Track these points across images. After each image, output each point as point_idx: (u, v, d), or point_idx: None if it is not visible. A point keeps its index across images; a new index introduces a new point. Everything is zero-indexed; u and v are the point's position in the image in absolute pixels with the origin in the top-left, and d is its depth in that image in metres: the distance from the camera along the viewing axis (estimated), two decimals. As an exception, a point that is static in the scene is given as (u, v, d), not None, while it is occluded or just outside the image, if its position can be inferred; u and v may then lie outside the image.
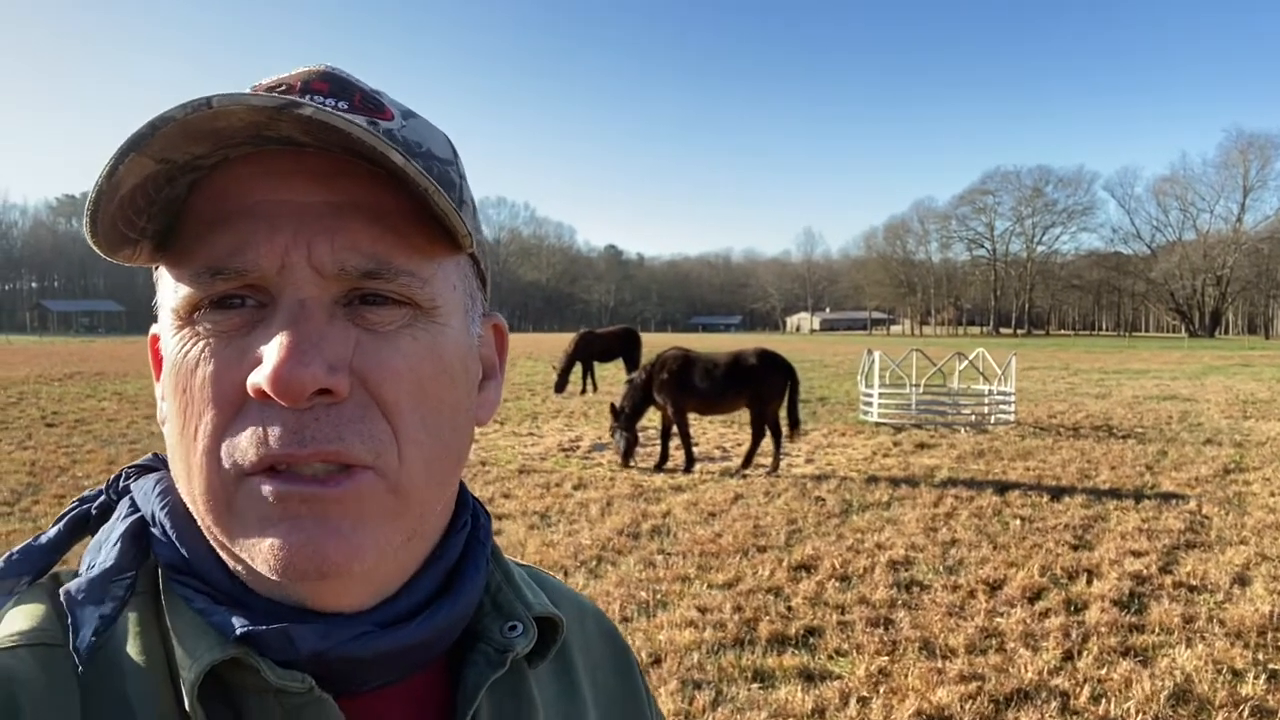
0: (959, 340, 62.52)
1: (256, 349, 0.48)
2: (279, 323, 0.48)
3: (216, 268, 0.49)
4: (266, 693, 0.50)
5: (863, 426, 13.34)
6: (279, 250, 0.48)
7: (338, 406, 0.48)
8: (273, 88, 0.52)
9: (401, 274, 0.51)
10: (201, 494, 0.50)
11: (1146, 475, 9.31)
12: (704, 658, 4.35)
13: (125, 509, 0.57)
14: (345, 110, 0.51)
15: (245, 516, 0.48)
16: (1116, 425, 13.62)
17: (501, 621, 0.60)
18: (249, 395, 0.48)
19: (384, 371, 0.50)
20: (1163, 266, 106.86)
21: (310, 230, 0.49)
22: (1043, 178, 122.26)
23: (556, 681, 0.65)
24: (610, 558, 6.11)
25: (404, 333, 0.51)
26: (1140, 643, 4.60)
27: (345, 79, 0.54)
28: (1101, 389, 20.77)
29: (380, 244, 0.50)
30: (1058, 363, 33.08)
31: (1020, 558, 6.09)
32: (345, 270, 0.49)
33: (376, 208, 0.50)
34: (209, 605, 0.51)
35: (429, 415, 0.52)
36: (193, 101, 0.44)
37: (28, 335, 76.82)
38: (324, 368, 0.47)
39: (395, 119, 0.53)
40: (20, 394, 17.13)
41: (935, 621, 4.85)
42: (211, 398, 0.49)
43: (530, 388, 19.70)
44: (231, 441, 0.48)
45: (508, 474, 9.23)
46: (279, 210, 0.49)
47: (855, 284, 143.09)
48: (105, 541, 0.55)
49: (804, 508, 7.66)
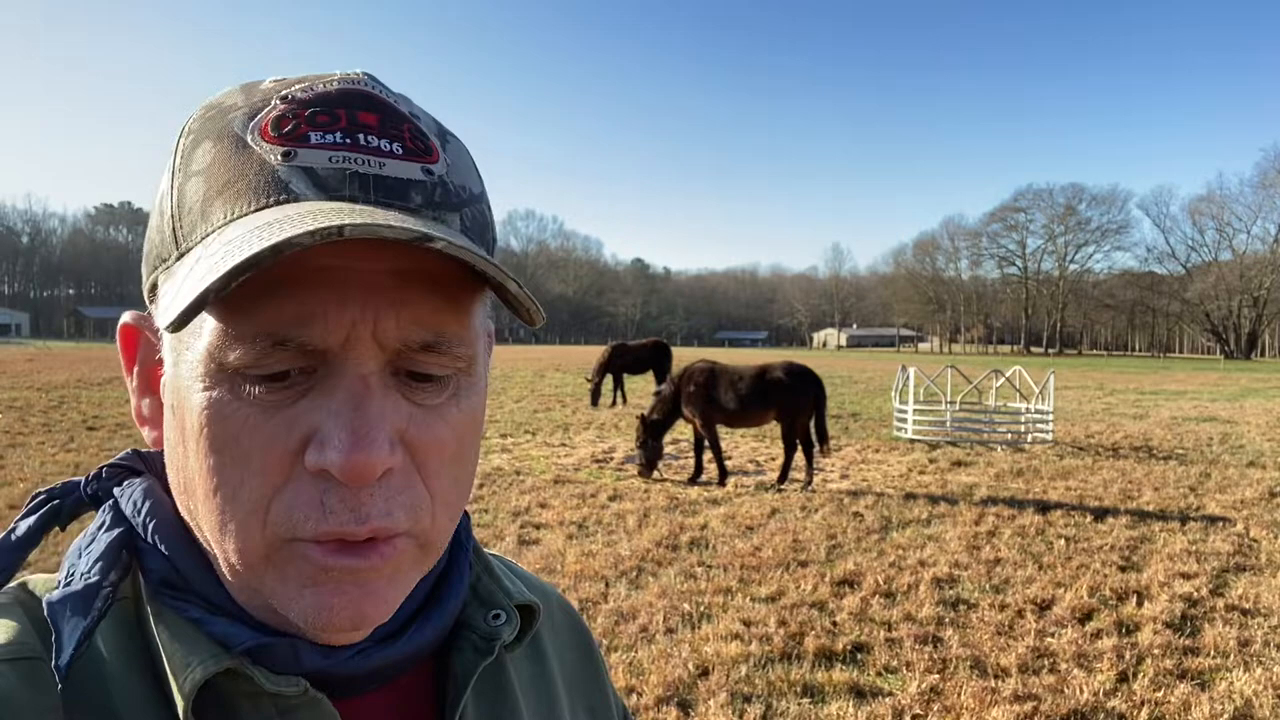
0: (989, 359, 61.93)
1: (309, 421, 0.47)
2: (341, 400, 0.47)
3: (279, 337, 0.46)
4: (260, 697, 0.50)
5: (897, 443, 13.23)
6: (347, 324, 0.46)
7: (388, 479, 0.48)
8: (315, 113, 0.50)
9: (455, 344, 0.50)
10: (238, 552, 0.48)
11: (1190, 497, 9.15)
12: (751, 671, 4.31)
13: (109, 518, 0.55)
14: (400, 155, 0.50)
15: (285, 575, 0.48)
16: (1156, 446, 13.41)
17: (485, 611, 0.61)
18: (299, 465, 0.47)
19: (433, 444, 0.50)
20: (1198, 287, 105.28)
21: (377, 303, 0.47)
22: (1076, 195, 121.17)
23: (530, 664, 0.67)
24: (651, 569, 6.09)
25: (450, 404, 0.51)
26: (1196, 665, 4.51)
27: (386, 104, 0.52)
28: (1139, 409, 20.46)
29: (439, 315, 0.49)
30: (1091, 382, 32.65)
31: (1067, 578, 5.99)
32: (407, 345, 0.48)
33: (435, 275, 0.49)
34: (206, 615, 0.51)
35: (460, 474, 0.53)
36: (323, 230, 0.41)
37: (65, 341, 78.18)
38: (388, 449, 0.47)
39: (440, 160, 0.52)
40: (61, 398, 17.41)
41: (985, 640, 4.79)
42: (260, 469, 0.47)
43: (560, 399, 19.73)
44: (282, 511, 0.47)
45: (543, 484, 9.24)
46: (347, 280, 0.46)
47: (883, 300, 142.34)
48: (87, 551, 0.53)
49: (842, 523, 7.60)
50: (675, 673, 4.24)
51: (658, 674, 4.22)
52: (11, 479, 8.73)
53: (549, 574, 5.89)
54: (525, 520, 7.52)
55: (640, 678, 4.20)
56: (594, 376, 17.86)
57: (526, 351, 61.90)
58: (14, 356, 36.76)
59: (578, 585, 5.64)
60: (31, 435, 11.93)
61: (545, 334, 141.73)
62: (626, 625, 4.94)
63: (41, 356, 37.57)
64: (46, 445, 11.07)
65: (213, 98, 0.53)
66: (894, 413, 14.83)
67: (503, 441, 12.57)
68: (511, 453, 11.54)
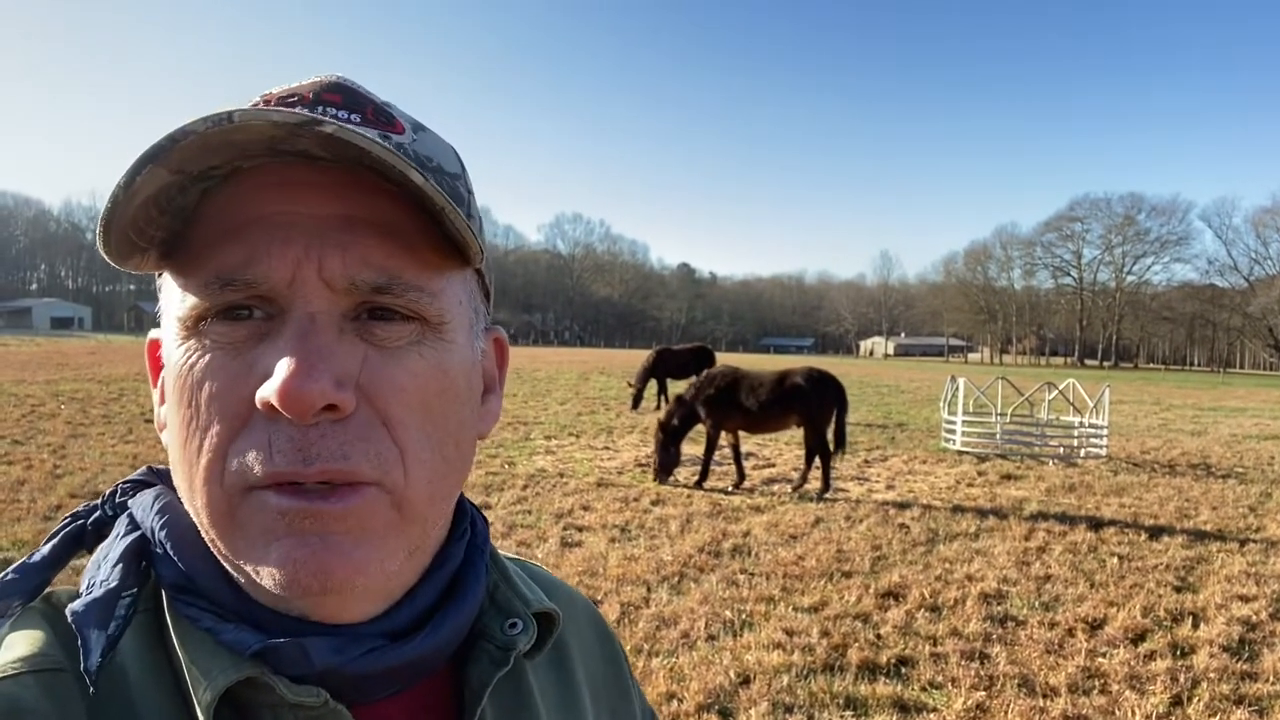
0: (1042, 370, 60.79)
1: (264, 362, 0.48)
2: (288, 336, 0.48)
3: (227, 278, 0.48)
4: (281, 707, 0.50)
5: (944, 454, 13.04)
6: (291, 263, 0.48)
7: (344, 423, 0.48)
8: (285, 98, 0.52)
9: (411, 289, 0.51)
10: (205, 507, 0.49)
11: (1250, 517, 8.87)
12: (794, 681, 4.28)
13: (124, 526, 0.56)
14: (358, 124, 0.51)
15: (249, 529, 0.48)
16: (1215, 464, 13.02)
17: (502, 619, 0.60)
18: (256, 409, 0.47)
19: (391, 388, 0.50)
20: (1261, 301, 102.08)
21: (322, 244, 0.49)
22: (1135, 205, 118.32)
23: (552, 670, 0.67)
24: (693, 575, 6.08)
25: (411, 349, 0.51)
26: (1254, 691, 4.37)
27: (357, 90, 0.54)
28: (1197, 426, 19.90)
29: (392, 259, 0.50)
30: (1148, 397, 31.85)
31: (1120, 597, 5.85)
32: (356, 285, 0.49)
33: (388, 223, 0.50)
34: (217, 624, 0.51)
35: (434, 433, 0.52)
36: (214, 116, 0.44)
37: (125, 335, 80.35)
38: (332, 383, 0.47)
39: (406, 133, 0.54)
40: (121, 390, 17.91)
41: (1034, 658, 4.69)
42: (218, 411, 0.48)
43: (604, 402, 19.78)
44: (237, 456, 0.48)
45: (586, 486, 9.27)
46: (291, 222, 0.49)
47: (932, 309, 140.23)
48: (105, 560, 0.54)
49: (888, 534, 7.51)
50: (716, 680, 4.23)
51: (699, 681, 4.21)
52: (73, 468, 9.00)
53: (591, 576, 5.91)
54: (568, 522, 7.55)
55: (681, 684, 4.19)
56: (637, 381, 17.88)
57: (572, 354, 62.17)
58: (76, 349, 37.91)
59: (620, 589, 5.64)
60: (92, 426, 12.29)
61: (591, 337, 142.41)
62: (668, 631, 4.93)
63: (103, 349, 38.69)
64: (106, 436, 11.40)
65: None
66: (942, 423, 14.61)
67: (546, 443, 12.64)
68: (555, 454, 11.60)
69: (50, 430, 11.67)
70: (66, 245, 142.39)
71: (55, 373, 22.37)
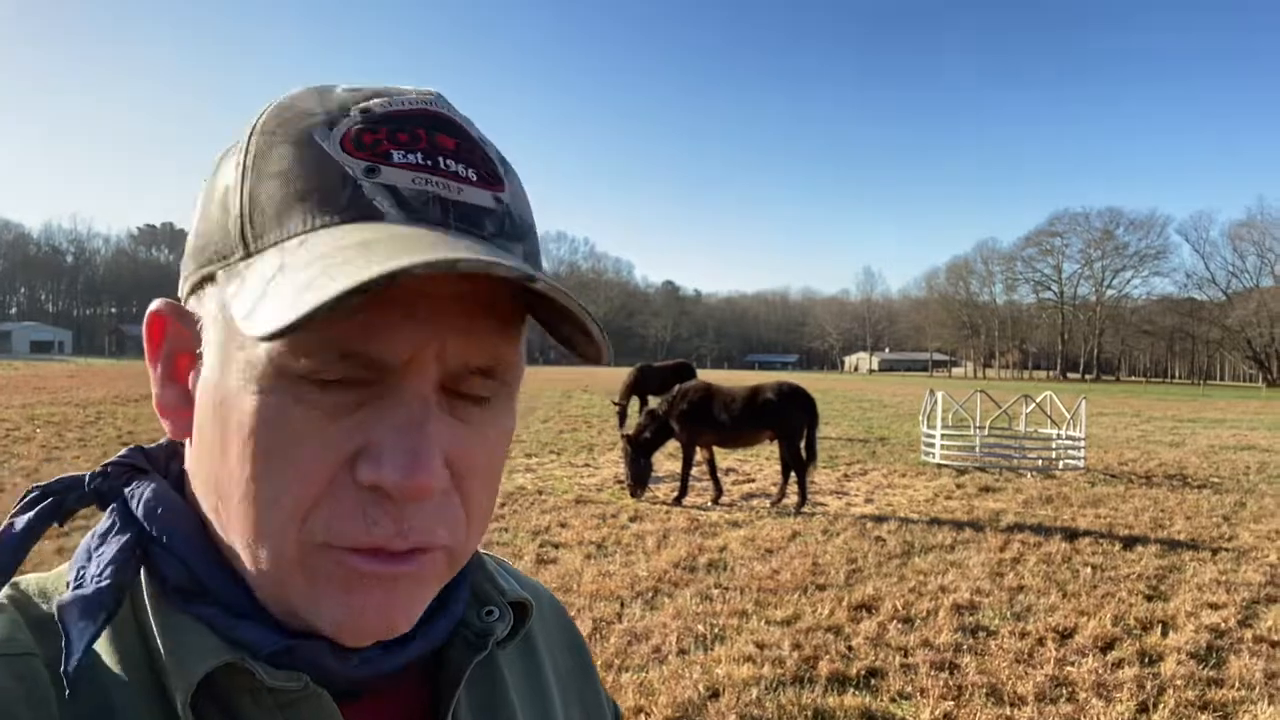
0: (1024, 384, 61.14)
1: (365, 434, 0.47)
2: (403, 419, 0.47)
3: (348, 349, 0.46)
4: (261, 692, 0.50)
5: (924, 468, 13.09)
6: (415, 344, 0.47)
7: (432, 499, 0.49)
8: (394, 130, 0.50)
9: (508, 369, 0.51)
10: (270, 558, 0.49)
11: (1224, 526, 8.94)
12: (762, 694, 4.28)
13: (119, 520, 0.54)
14: (474, 181, 0.50)
15: (315, 576, 0.49)
16: (1191, 474, 13.14)
17: (479, 607, 0.61)
18: (344, 476, 0.47)
19: (473, 466, 0.51)
20: (1239, 313, 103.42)
21: (445, 327, 0.47)
22: (1113, 220, 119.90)
23: (521, 660, 0.68)
24: (667, 590, 6.07)
25: (489, 422, 0.52)
26: (1219, 698, 4.40)
27: (461, 127, 0.53)
28: (1175, 437, 20.07)
29: (498, 341, 0.50)
30: (1128, 409, 32.11)
31: (1091, 606, 5.88)
32: (466, 368, 0.49)
33: (491, 297, 0.49)
34: (232, 620, 0.51)
35: (492, 491, 0.54)
36: (441, 261, 0.42)
37: (106, 358, 79.74)
38: (443, 473, 0.48)
39: (506, 189, 0.53)
40: (98, 413, 17.76)
41: (1003, 668, 4.71)
42: (307, 475, 0.47)
43: (587, 420, 19.77)
44: (322, 519, 0.47)
45: (564, 504, 9.25)
46: (415, 300, 0.46)
47: (915, 324, 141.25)
48: (98, 554, 0.52)
49: (864, 547, 7.53)
50: (685, 694, 4.22)
51: (667, 694, 4.20)
52: (45, 492, 8.91)
53: (565, 593, 5.89)
54: (545, 539, 7.53)
55: (650, 698, 4.18)
56: (621, 399, 17.88)
57: (555, 373, 62.13)
58: (55, 373, 37.60)
59: (593, 605, 5.63)
60: (67, 450, 12.18)
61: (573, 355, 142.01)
62: (639, 646, 4.93)
63: (82, 373, 38.36)
64: (82, 460, 11.29)
65: (285, 98, 0.53)
66: (922, 438, 14.68)
67: (527, 461, 12.61)
68: (535, 472, 11.57)
69: (24, 454, 11.55)
70: (47, 269, 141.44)
71: (32, 396, 22.16)
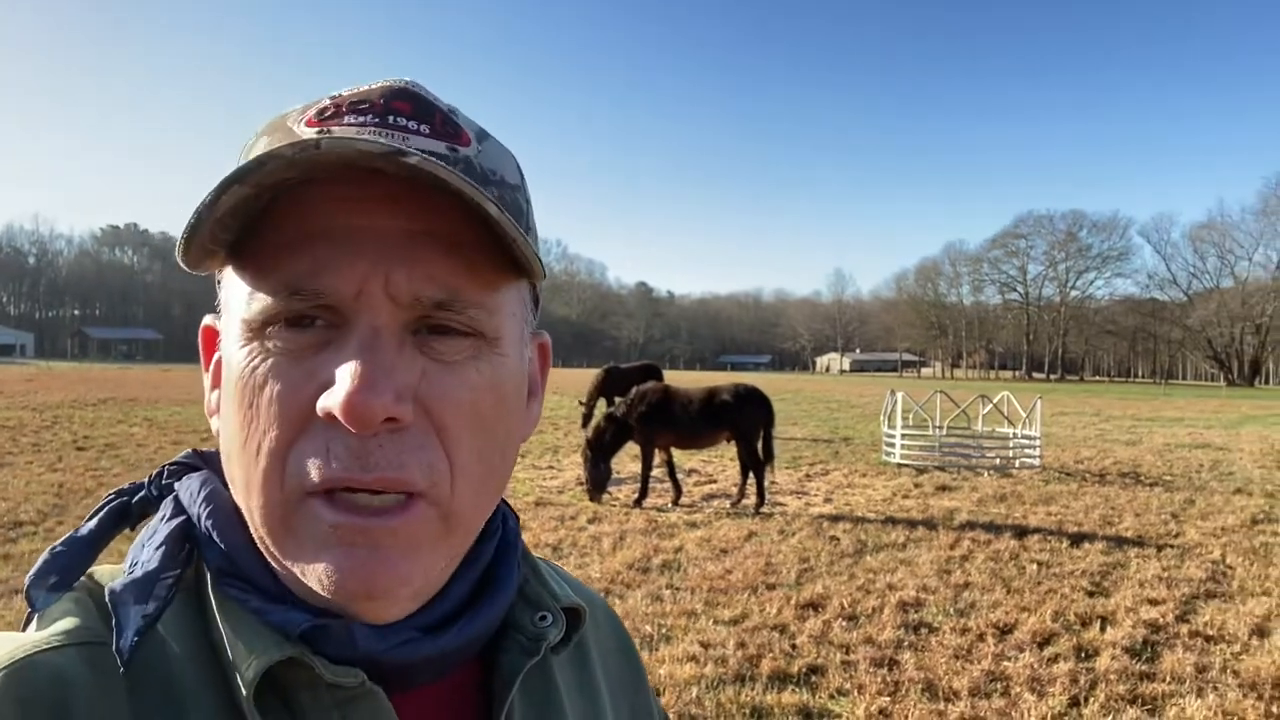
0: (990, 384, 61.83)
1: (326, 371, 0.49)
2: (352, 349, 0.49)
3: (295, 287, 0.50)
4: (319, 687, 0.52)
5: (884, 468, 13.24)
6: (358, 276, 0.50)
7: (401, 434, 0.50)
8: (355, 103, 0.54)
9: (471, 306, 0.52)
10: (260, 509, 0.51)
11: (1171, 523, 9.14)
12: (702, 693, 4.33)
13: (170, 509, 0.58)
14: (427, 134, 0.53)
15: (300, 536, 0.50)
16: (1144, 472, 13.39)
17: (532, 612, 0.62)
18: (315, 415, 0.49)
19: (447, 403, 0.52)
20: (1200, 314, 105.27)
21: (389, 259, 0.50)
22: (1076, 222, 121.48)
23: (574, 667, 0.69)
24: (618, 591, 6.11)
25: (469, 364, 0.53)
26: (1150, 691, 4.51)
27: (425, 98, 0.56)
28: (1132, 436, 20.43)
29: (454, 275, 0.51)
30: (1089, 409, 32.60)
31: (1034, 602, 6.00)
32: (419, 300, 0.51)
33: (452, 237, 0.51)
34: (265, 604, 0.53)
35: (484, 445, 0.54)
36: (303, 142, 0.46)
37: (68, 361, 78.44)
38: (393, 397, 0.48)
39: (471, 144, 0.55)
40: (55, 418, 17.48)
41: (941, 663, 4.80)
42: (277, 416, 0.50)
43: (554, 422, 19.76)
44: (295, 461, 0.50)
45: (523, 506, 9.26)
46: (359, 236, 0.50)
47: (886, 325, 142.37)
48: (149, 542, 0.56)
49: (818, 546, 7.61)
50: (627, 694, 4.25)
51: (609, 695, 4.23)
52: (-6, 498, 8.78)
53: (516, 595, 5.89)
54: (500, 542, 7.52)
55: (592, 699, 4.21)
56: (588, 400, 17.90)
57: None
58: (14, 376, 36.92)
59: (543, 607, 5.64)
60: (20, 455, 11.99)
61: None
62: (586, 647, 4.95)
63: (41, 376, 37.71)
64: (34, 465, 11.12)
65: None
66: (883, 438, 14.84)
67: (489, 464, 12.58)
68: (497, 475, 11.54)
69: (-25, 459, 11.36)
70: (8, 270, 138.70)
71: (-12, 401, 21.77)
